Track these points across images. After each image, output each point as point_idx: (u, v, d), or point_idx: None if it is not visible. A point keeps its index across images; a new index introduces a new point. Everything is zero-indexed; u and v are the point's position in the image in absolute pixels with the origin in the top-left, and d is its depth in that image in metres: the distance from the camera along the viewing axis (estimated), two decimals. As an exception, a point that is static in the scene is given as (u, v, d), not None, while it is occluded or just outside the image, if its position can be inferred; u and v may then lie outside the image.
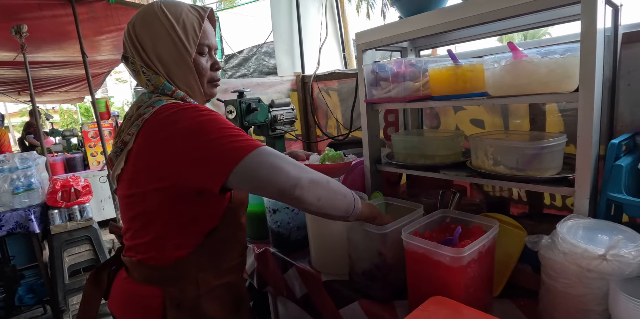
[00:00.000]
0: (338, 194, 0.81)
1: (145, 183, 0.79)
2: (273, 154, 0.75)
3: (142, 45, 0.84)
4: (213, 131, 0.74)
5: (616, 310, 0.67)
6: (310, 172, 0.78)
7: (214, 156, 0.73)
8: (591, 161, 0.81)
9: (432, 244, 0.79)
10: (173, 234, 0.83)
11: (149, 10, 0.84)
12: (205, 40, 0.87)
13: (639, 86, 1.03)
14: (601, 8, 0.78)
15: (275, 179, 0.73)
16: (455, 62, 1.05)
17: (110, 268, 0.96)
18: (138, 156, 0.79)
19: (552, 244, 0.76)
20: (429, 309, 0.70)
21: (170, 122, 0.76)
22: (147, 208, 0.81)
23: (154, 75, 0.85)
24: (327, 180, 0.80)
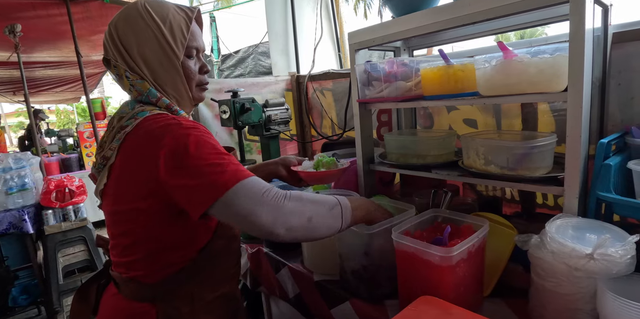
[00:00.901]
0: (321, 224, 0.77)
1: (129, 201, 0.76)
2: (250, 195, 0.70)
3: (125, 48, 0.79)
4: (195, 157, 0.70)
5: (604, 309, 0.67)
6: (286, 213, 0.72)
7: (194, 187, 0.69)
8: (580, 160, 0.81)
9: (421, 243, 0.79)
10: (165, 252, 0.79)
11: (132, 10, 0.79)
12: (193, 42, 0.83)
13: (630, 85, 1.04)
14: (590, 8, 0.78)
15: (251, 225, 0.70)
16: (447, 61, 1.05)
17: (99, 282, 0.92)
18: (121, 172, 0.76)
19: (541, 243, 0.76)
20: (417, 308, 0.70)
21: (152, 139, 0.72)
22: (134, 227, 0.77)
23: (139, 81, 0.80)
24: (307, 218, 0.74)
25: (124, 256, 0.81)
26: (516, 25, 1.14)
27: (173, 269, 0.80)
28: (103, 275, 0.92)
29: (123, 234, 0.80)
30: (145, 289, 0.80)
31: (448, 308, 0.70)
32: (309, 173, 1.09)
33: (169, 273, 0.80)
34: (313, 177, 1.10)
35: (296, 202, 0.74)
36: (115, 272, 0.84)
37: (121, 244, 0.81)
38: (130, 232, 0.78)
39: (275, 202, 0.71)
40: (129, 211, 0.76)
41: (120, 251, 0.81)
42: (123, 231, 0.79)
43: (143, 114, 0.76)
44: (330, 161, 1.14)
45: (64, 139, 5.40)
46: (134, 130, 0.75)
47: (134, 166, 0.74)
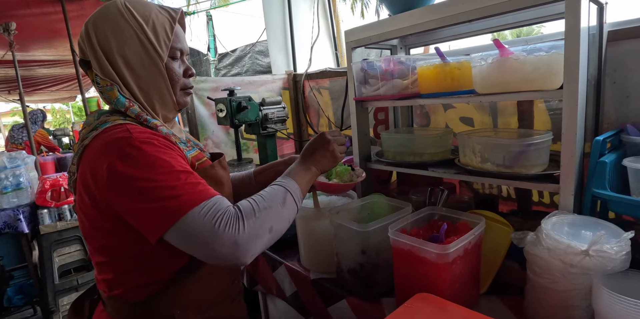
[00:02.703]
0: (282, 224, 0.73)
1: (93, 219, 0.72)
2: (202, 225, 0.63)
3: (102, 48, 0.73)
4: (142, 178, 0.64)
5: (599, 305, 0.67)
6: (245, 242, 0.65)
7: (144, 212, 0.65)
8: (575, 157, 0.81)
9: (417, 241, 0.79)
10: (140, 271, 0.75)
11: (112, 8, 0.74)
12: (177, 43, 0.79)
13: (625, 83, 1.04)
14: (585, 6, 0.78)
15: (210, 259, 0.65)
16: (443, 59, 1.05)
17: (92, 297, 0.89)
18: (81, 188, 0.71)
19: (537, 240, 0.76)
20: (414, 305, 0.70)
21: (100, 156, 0.67)
22: (106, 244, 0.74)
23: (108, 87, 0.74)
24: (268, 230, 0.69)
25: (102, 273, 0.78)
26: (512, 23, 1.14)
27: (152, 289, 0.76)
28: (96, 290, 0.89)
29: (97, 251, 0.77)
30: (126, 308, 0.77)
31: (444, 305, 0.70)
32: (321, 183, 1.00)
33: (147, 293, 0.76)
34: (325, 188, 1.03)
35: (252, 219, 0.67)
36: (99, 290, 0.82)
37: (98, 261, 0.78)
38: (104, 250, 0.75)
39: (231, 234, 0.64)
40: (97, 229, 0.73)
41: (98, 269, 0.79)
42: (97, 247, 0.76)
43: (104, 125, 0.71)
44: (344, 170, 1.04)
45: (59, 138, 5.37)
46: (91, 143, 0.70)
47: (88, 182, 0.69)
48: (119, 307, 0.78)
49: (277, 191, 0.77)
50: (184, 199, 0.64)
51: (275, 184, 0.80)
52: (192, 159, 0.80)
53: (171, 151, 0.70)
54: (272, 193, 0.76)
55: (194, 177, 0.69)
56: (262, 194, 0.75)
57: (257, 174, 1.09)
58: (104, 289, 0.79)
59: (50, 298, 2.44)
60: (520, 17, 1.07)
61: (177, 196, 0.64)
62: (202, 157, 0.84)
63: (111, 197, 0.66)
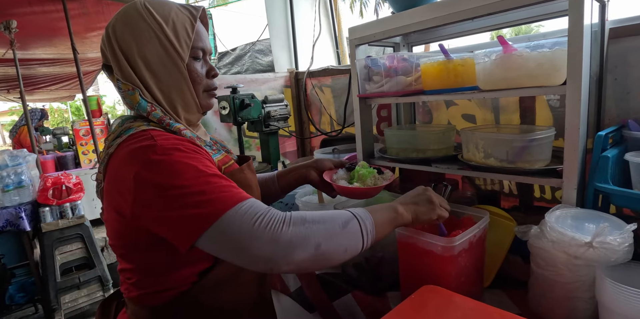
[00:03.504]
0: (335, 249, 0.63)
1: (119, 228, 0.71)
2: (240, 226, 0.60)
3: (123, 51, 0.72)
4: (172, 186, 0.62)
5: (602, 296, 0.69)
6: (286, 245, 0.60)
7: (175, 220, 0.62)
8: (578, 152, 0.82)
9: (423, 234, 0.80)
10: (159, 278, 0.73)
11: (131, 10, 0.73)
12: (199, 42, 0.76)
13: (626, 80, 1.06)
14: (588, 4, 0.80)
15: (245, 262, 0.61)
16: (447, 56, 1.06)
17: (120, 299, 0.89)
18: (107, 197, 0.71)
19: (540, 233, 0.77)
20: (421, 297, 0.71)
21: (125, 165, 0.65)
22: (129, 252, 0.74)
23: (130, 92, 0.72)
24: (314, 245, 0.61)
25: (124, 276, 0.78)
26: (514, 21, 1.16)
27: (171, 293, 0.74)
28: (119, 296, 0.89)
29: (122, 258, 0.76)
30: (145, 312, 0.75)
31: (451, 297, 0.71)
32: (343, 188, 0.94)
33: (168, 297, 0.74)
34: (347, 193, 0.96)
35: (298, 227, 0.61)
36: (122, 291, 0.82)
37: (121, 265, 0.77)
38: (127, 257, 0.75)
39: (271, 233, 0.59)
40: (121, 238, 0.72)
41: (121, 272, 0.79)
42: (121, 254, 0.76)
43: (128, 132, 0.70)
44: (367, 173, 0.97)
45: (59, 137, 5.36)
46: (115, 151, 0.69)
47: (113, 192, 0.68)
48: (137, 310, 0.77)
49: (341, 213, 0.68)
50: (217, 203, 0.61)
51: (346, 209, 0.71)
52: (218, 163, 0.77)
53: (198, 155, 0.68)
54: (335, 213, 0.67)
55: (225, 180, 0.66)
56: (322, 212, 0.67)
57: (280, 177, 1.04)
58: (124, 291, 0.79)
59: (52, 296, 2.44)
60: (522, 14, 1.09)
61: (208, 200, 0.61)
62: (228, 160, 0.81)
63: (138, 208, 0.64)
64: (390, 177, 0.97)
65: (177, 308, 0.74)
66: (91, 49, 4.17)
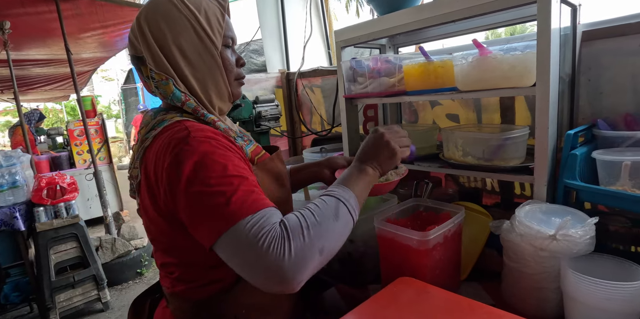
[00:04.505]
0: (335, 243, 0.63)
1: (157, 221, 0.70)
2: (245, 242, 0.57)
3: (157, 41, 0.71)
4: (195, 182, 0.61)
5: (566, 286, 0.73)
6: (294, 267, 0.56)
7: (196, 217, 0.62)
8: (548, 150, 0.87)
9: (400, 228, 0.84)
10: (203, 271, 0.73)
11: (162, 1, 0.73)
12: (228, 31, 0.78)
13: (599, 81, 1.10)
14: (556, 8, 0.84)
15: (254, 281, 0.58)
16: (427, 58, 1.10)
17: (153, 295, 0.89)
18: (147, 191, 0.70)
19: (511, 227, 0.81)
20: (395, 288, 0.75)
21: (159, 157, 0.65)
22: (171, 245, 0.74)
23: (163, 82, 0.72)
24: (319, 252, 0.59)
25: (167, 271, 0.77)
26: (493, 24, 1.20)
27: (214, 287, 0.74)
28: (157, 289, 0.89)
29: (164, 253, 0.76)
30: (189, 306, 0.75)
31: (425, 288, 0.75)
32: None
33: (212, 291, 0.74)
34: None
35: (299, 239, 0.58)
36: (163, 287, 0.82)
37: (163, 260, 0.77)
38: (170, 252, 0.75)
39: (276, 254, 0.56)
40: (162, 233, 0.72)
41: (163, 267, 0.78)
42: (163, 250, 0.76)
43: (162, 124, 0.70)
44: None
45: (53, 137, 5.36)
46: (151, 144, 0.69)
47: (152, 185, 0.67)
48: (180, 305, 0.77)
49: (328, 203, 0.66)
50: (233, 208, 0.59)
51: (326, 194, 0.68)
52: (251, 154, 0.76)
53: (229, 153, 0.66)
54: (323, 206, 0.65)
55: (248, 183, 0.63)
56: (311, 208, 0.64)
57: (291, 175, 1.03)
58: (167, 285, 0.79)
59: (46, 295, 2.46)
60: (499, 18, 1.13)
61: (227, 203, 0.59)
62: (260, 151, 0.80)
63: (169, 200, 0.64)
64: (404, 172, 0.95)
65: (222, 301, 0.74)
66: (85, 50, 4.18)
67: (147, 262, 3.38)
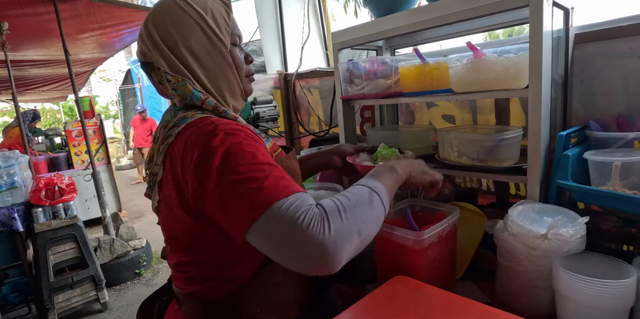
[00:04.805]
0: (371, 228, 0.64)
1: (178, 217, 0.69)
2: (284, 222, 0.56)
3: (167, 45, 0.72)
4: (225, 172, 0.61)
5: (558, 284, 0.74)
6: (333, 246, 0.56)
7: (228, 208, 0.61)
8: (540, 151, 0.88)
9: (396, 228, 0.86)
10: (223, 267, 0.73)
11: (168, 3, 0.74)
12: (235, 29, 0.79)
13: (592, 82, 1.12)
14: (548, 11, 0.85)
15: (292, 265, 0.58)
16: (423, 60, 1.11)
17: (161, 299, 0.87)
18: (166, 187, 0.70)
19: (504, 227, 0.83)
20: (391, 287, 0.77)
21: (187, 151, 0.65)
22: (189, 243, 0.73)
23: (181, 83, 0.73)
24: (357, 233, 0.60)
25: (183, 271, 0.76)
26: (489, 26, 1.22)
27: (232, 285, 0.73)
28: (165, 291, 0.88)
29: (182, 251, 0.75)
30: (205, 306, 0.74)
31: (419, 286, 0.77)
32: (364, 167, 0.97)
33: (228, 290, 0.73)
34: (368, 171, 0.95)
35: (337, 220, 0.58)
36: (176, 288, 0.80)
37: (179, 259, 0.76)
38: (187, 248, 0.74)
39: (317, 232, 0.55)
40: (181, 228, 0.71)
41: (178, 267, 0.77)
42: (180, 247, 0.75)
43: (185, 121, 0.70)
44: (390, 152, 1.01)
45: (51, 138, 5.36)
46: (175, 140, 0.68)
47: (179, 180, 0.67)
48: (194, 305, 0.75)
49: (361, 191, 0.67)
50: (267, 193, 0.58)
51: (358, 184, 0.70)
52: (269, 151, 0.75)
53: (255, 143, 0.66)
54: (357, 193, 0.66)
55: (278, 170, 0.63)
56: (345, 194, 0.65)
57: (301, 163, 1.03)
58: (181, 286, 0.77)
59: (45, 296, 2.47)
60: (495, 20, 1.15)
61: (259, 188, 0.59)
62: (277, 148, 0.82)
63: (198, 194, 0.63)
64: (411, 156, 1.01)
65: (239, 300, 0.73)
66: (83, 50, 4.18)
67: (145, 262, 3.38)
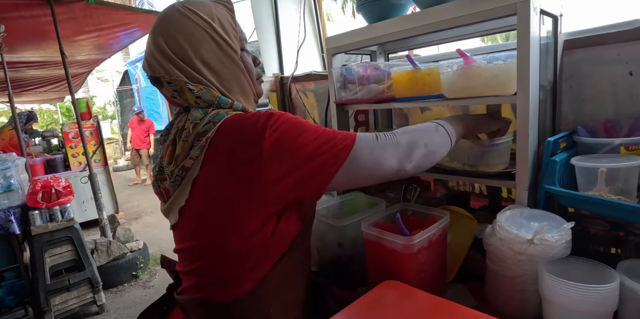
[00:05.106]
0: (437, 146, 0.80)
1: (218, 212, 0.69)
2: (369, 147, 0.71)
3: (180, 56, 0.72)
4: (309, 139, 0.68)
5: (543, 289, 0.76)
6: (406, 146, 0.75)
7: (316, 167, 0.67)
8: (528, 157, 0.90)
9: (386, 233, 0.87)
10: (241, 267, 0.73)
11: (173, 14, 0.73)
12: (242, 34, 0.80)
13: (581, 88, 1.13)
14: (535, 20, 0.87)
15: (379, 173, 0.73)
16: (415, 66, 1.13)
17: (162, 309, 0.87)
18: (210, 182, 0.68)
19: (492, 232, 0.84)
20: (380, 291, 0.78)
21: (249, 138, 0.66)
22: (214, 244, 0.72)
23: (205, 90, 0.73)
24: (424, 145, 0.77)
25: (197, 275, 0.75)
26: (480, 31, 1.23)
27: (248, 285, 0.73)
28: (165, 301, 0.87)
29: (200, 254, 0.74)
30: (218, 311, 0.73)
31: (408, 291, 0.78)
32: None
33: (242, 291, 0.73)
34: None
35: (406, 135, 0.77)
36: (183, 295, 0.78)
37: (193, 266, 0.75)
38: (208, 246, 0.73)
39: (392, 142, 0.74)
40: (216, 223, 0.71)
41: (190, 274, 0.76)
42: (200, 251, 0.74)
43: (221, 117, 0.70)
44: None
45: (48, 139, 5.35)
46: (217, 134, 0.67)
47: (227, 171, 0.67)
48: (208, 311, 0.74)
49: (427, 123, 0.85)
50: (343, 138, 0.70)
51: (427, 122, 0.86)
52: None
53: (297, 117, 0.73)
54: (421, 124, 0.84)
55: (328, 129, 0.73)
56: (408, 126, 0.82)
57: None
58: (191, 292, 0.76)
59: (42, 298, 2.47)
60: (485, 26, 1.16)
61: (336, 138, 0.70)
62: None
63: (273, 172, 0.66)
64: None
65: (251, 302, 0.74)
66: (80, 52, 4.18)
67: (142, 264, 3.39)
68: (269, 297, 0.75)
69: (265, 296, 0.75)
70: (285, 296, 0.79)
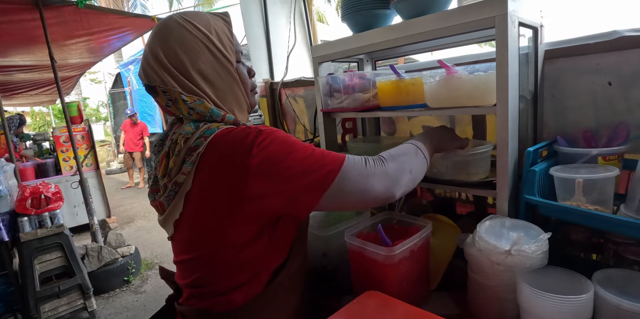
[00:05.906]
0: (418, 171, 0.84)
1: (211, 224, 0.70)
2: (357, 173, 0.72)
3: (177, 67, 0.73)
4: (294, 159, 0.68)
5: (521, 298, 0.77)
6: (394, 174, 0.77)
7: (301, 187, 0.68)
8: (508, 166, 0.91)
9: (368, 243, 0.88)
10: (243, 276, 0.74)
11: (173, 25, 0.74)
12: (238, 46, 0.81)
13: (562, 97, 1.15)
14: (514, 32, 0.88)
15: (368, 199, 0.74)
16: (398, 76, 1.14)
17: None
18: (201, 196, 0.69)
19: (472, 241, 0.85)
20: (361, 302, 0.79)
21: (237, 153, 0.66)
22: (213, 252, 0.73)
23: (198, 102, 0.74)
24: (409, 171, 0.81)
25: (198, 285, 0.76)
26: (463, 41, 1.25)
27: (252, 293, 0.75)
28: (168, 311, 0.87)
29: (207, 263, 0.74)
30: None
31: (388, 301, 0.79)
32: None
33: (247, 299, 0.75)
34: None
35: (393, 162, 0.79)
36: (185, 305, 0.79)
37: (197, 272, 0.75)
38: (207, 258, 0.73)
39: (381, 170, 0.76)
40: (210, 236, 0.71)
41: (193, 284, 0.77)
42: (199, 259, 0.74)
43: (212, 132, 0.70)
44: None
45: (39, 143, 5.31)
46: (207, 150, 0.68)
47: (216, 185, 0.68)
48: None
49: (408, 147, 0.87)
50: (331, 162, 0.71)
51: (405, 143, 0.89)
52: None
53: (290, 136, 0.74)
54: (402, 147, 0.87)
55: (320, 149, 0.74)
56: (392, 149, 0.85)
57: None
58: (194, 302, 0.77)
59: (31, 305, 2.45)
60: (466, 36, 1.18)
61: (324, 162, 0.70)
62: None
63: (258, 187, 0.66)
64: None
65: (255, 310, 0.75)
66: (71, 55, 4.16)
67: (134, 269, 3.37)
68: (273, 303, 0.77)
69: (270, 302, 0.77)
70: (288, 302, 0.81)
